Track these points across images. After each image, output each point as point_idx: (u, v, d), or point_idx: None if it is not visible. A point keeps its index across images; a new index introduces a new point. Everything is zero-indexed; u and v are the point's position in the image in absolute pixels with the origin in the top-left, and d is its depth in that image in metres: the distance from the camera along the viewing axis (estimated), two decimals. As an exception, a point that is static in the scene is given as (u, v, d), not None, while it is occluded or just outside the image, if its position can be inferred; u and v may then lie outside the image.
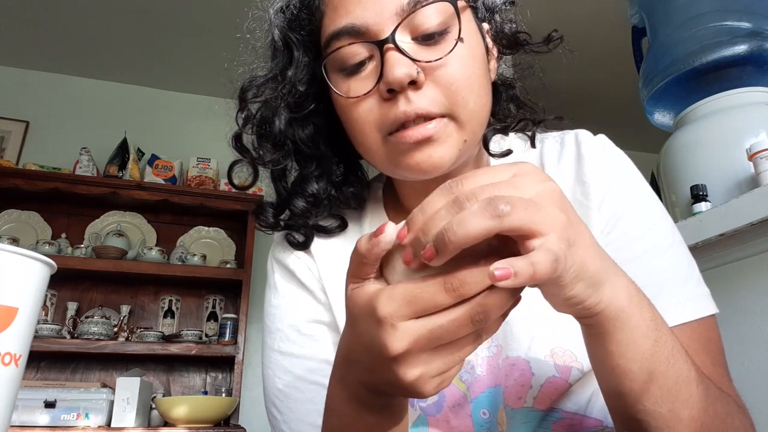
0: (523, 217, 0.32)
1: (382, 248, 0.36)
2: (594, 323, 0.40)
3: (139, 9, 2.50)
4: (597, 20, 2.56)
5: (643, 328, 0.40)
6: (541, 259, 0.32)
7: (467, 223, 0.32)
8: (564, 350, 0.55)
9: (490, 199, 0.32)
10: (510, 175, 0.36)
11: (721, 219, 1.17)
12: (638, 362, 0.40)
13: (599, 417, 0.56)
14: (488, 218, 0.32)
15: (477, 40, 0.57)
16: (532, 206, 0.33)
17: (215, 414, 2.22)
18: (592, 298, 0.37)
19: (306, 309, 0.64)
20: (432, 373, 0.36)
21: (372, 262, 0.37)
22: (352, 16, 0.53)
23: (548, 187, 0.36)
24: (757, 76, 1.45)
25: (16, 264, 0.43)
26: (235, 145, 0.63)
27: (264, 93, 0.60)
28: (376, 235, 0.36)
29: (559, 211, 0.35)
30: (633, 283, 0.41)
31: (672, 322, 0.52)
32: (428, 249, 0.33)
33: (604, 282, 0.38)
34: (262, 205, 0.65)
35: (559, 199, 0.36)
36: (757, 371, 1.11)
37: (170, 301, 2.66)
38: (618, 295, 0.39)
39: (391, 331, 0.35)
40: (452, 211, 0.33)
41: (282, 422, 0.62)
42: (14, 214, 2.55)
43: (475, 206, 0.32)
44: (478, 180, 0.35)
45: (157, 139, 2.86)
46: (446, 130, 0.53)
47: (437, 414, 0.57)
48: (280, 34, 0.60)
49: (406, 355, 0.35)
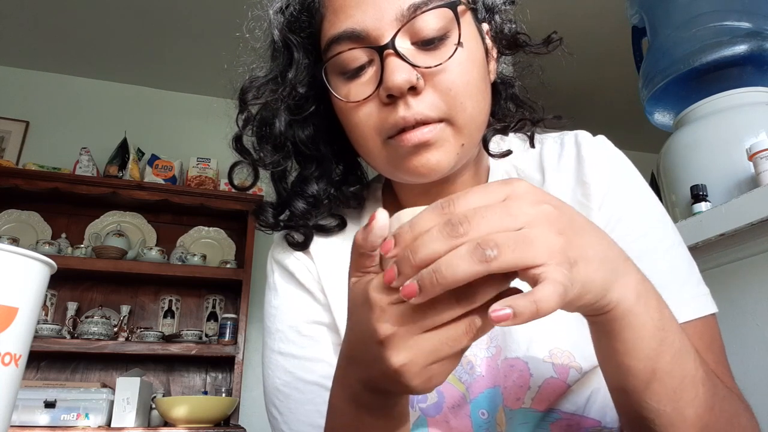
0: (511, 258, 0.32)
1: (377, 235, 0.37)
2: (600, 321, 0.40)
3: (139, 9, 2.50)
4: (597, 20, 2.56)
5: (649, 328, 0.40)
6: (544, 295, 0.32)
7: (455, 267, 0.32)
8: (562, 351, 0.56)
9: (477, 243, 0.32)
10: (503, 195, 0.35)
11: (721, 219, 1.17)
12: (643, 361, 0.40)
13: (597, 417, 0.56)
14: (476, 263, 0.32)
15: (477, 44, 0.57)
16: (522, 243, 0.32)
17: (215, 414, 2.22)
18: (600, 302, 0.37)
19: (306, 310, 0.64)
20: (420, 360, 0.35)
21: (369, 252, 0.38)
22: (352, 20, 0.53)
23: (543, 210, 0.35)
24: (757, 76, 1.45)
25: (16, 264, 0.43)
26: (236, 147, 0.63)
27: (264, 94, 0.60)
28: (369, 223, 0.37)
29: (556, 234, 0.34)
30: (644, 280, 0.41)
31: None
32: (411, 286, 0.33)
33: (613, 285, 0.37)
34: (262, 206, 0.65)
35: (556, 220, 0.35)
36: (757, 371, 1.11)
37: (170, 301, 2.66)
38: (626, 295, 0.38)
39: (379, 313, 0.35)
40: (444, 232, 0.33)
41: (282, 422, 0.62)
42: (14, 214, 2.55)
43: (463, 249, 0.32)
44: (470, 201, 0.35)
45: (157, 139, 2.86)
46: (443, 134, 0.54)
47: (436, 415, 0.57)
48: (280, 35, 0.60)
49: (393, 338, 0.35)
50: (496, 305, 0.32)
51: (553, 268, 0.33)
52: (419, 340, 0.35)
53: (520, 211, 0.34)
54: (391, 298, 0.35)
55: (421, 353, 0.35)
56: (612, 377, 0.44)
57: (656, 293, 0.42)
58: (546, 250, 0.33)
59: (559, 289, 0.32)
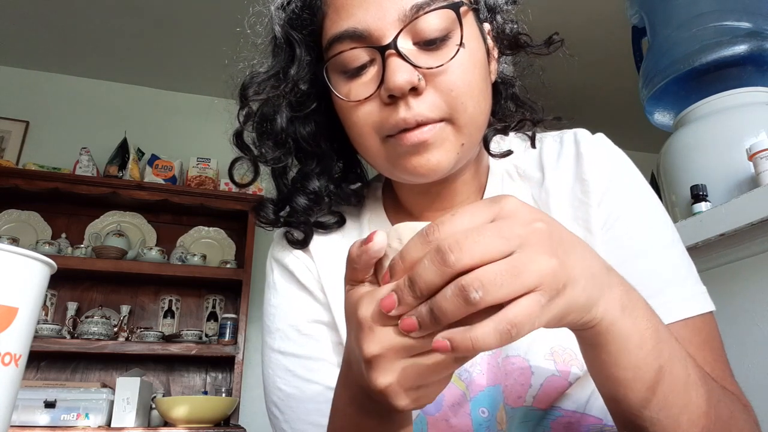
0: (498, 295, 0.31)
1: (371, 256, 0.37)
2: (586, 335, 0.40)
3: (139, 9, 2.50)
4: (597, 20, 2.55)
5: (636, 339, 0.39)
6: (481, 333, 0.31)
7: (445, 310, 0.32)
8: (564, 349, 0.56)
9: (461, 287, 0.31)
10: (492, 215, 0.34)
11: (721, 219, 1.17)
12: (632, 371, 0.40)
13: (599, 415, 0.56)
14: (462, 305, 0.31)
15: (478, 44, 0.57)
16: (510, 277, 0.31)
17: (215, 414, 2.22)
18: (584, 318, 0.37)
19: (306, 309, 0.64)
20: (405, 385, 0.35)
21: (362, 268, 0.38)
22: (354, 19, 0.53)
23: (535, 230, 0.34)
24: (757, 76, 1.45)
25: (16, 264, 0.43)
26: (237, 143, 0.63)
27: (265, 90, 0.60)
28: (366, 243, 0.36)
29: (549, 256, 0.33)
30: (630, 291, 0.40)
31: (674, 319, 0.52)
32: (411, 321, 0.33)
33: (598, 301, 0.37)
34: (262, 202, 0.65)
35: (548, 239, 0.34)
36: (757, 371, 1.11)
37: (170, 301, 2.66)
38: (610, 309, 0.38)
39: (367, 332, 0.35)
40: (435, 261, 0.32)
41: (283, 421, 0.62)
42: (14, 214, 2.55)
43: (449, 291, 0.32)
44: (457, 224, 0.34)
45: (157, 139, 2.86)
46: (443, 134, 0.54)
47: (436, 413, 0.57)
48: (281, 31, 0.60)
49: (378, 359, 0.35)
50: (440, 335, 0.32)
51: (521, 306, 0.32)
52: (405, 364, 0.35)
53: (511, 233, 0.33)
54: (379, 319, 0.35)
55: (406, 377, 0.35)
56: (603, 387, 0.44)
57: (643, 302, 0.41)
58: (537, 276, 0.32)
59: (501, 331, 0.31)
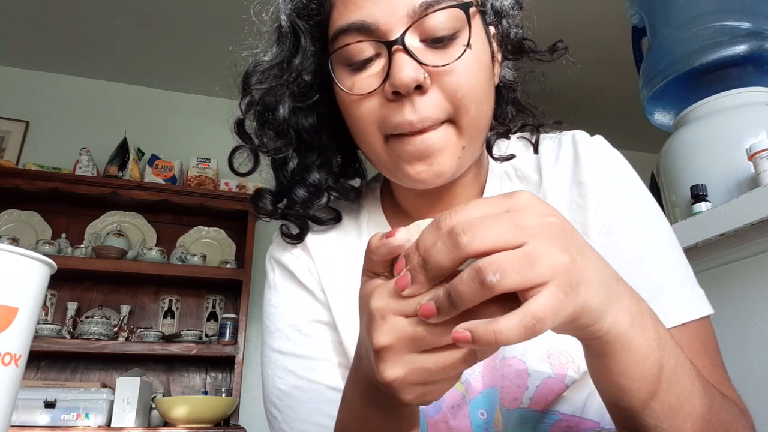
0: (515, 280, 0.31)
1: (389, 250, 0.36)
2: (594, 345, 0.39)
3: (139, 9, 2.50)
4: (597, 20, 2.55)
5: (644, 349, 0.39)
6: (505, 327, 0.31)
7: (461, 293, 0.32)
8: (560, 351, 0.55)
9: (478, 269, 0.31)
10: (505, 208, 0.34)
11: (721, 219, 1.17)
12: (638, 381, 0.40)
13: (596, 419, 0.56)
14: (478, 289, 0.31)
15: (484, 46, 0.57)
16: (526, 264, 0.31)
17: (215, 414, 2.22)
18: (593, 327, 0.36)
19: (305, 308, 0.64)
20: (413, 378, 0.35)
21: (379, 260, 0.37)
22: (363, 12, 0.53)
23: (548, 223, 0.34)
24: (757, 76, 1.45)
25: (16, 264, 0.43)
26: (238, 131, 0.63)
27: (268, 79, 0.59)
28: (388, 237, 0.36)
29: (561, 251, 0.33)
30: (638, 301, 0.40)
31: (673, 323, 0.52)
32: (429, 306, 0.33)
33: (608, 310, 0.36)
34: (260, 192, 0.65)
35: (560, 234, 0.34)
36: (757, 371, 1.11)
37: (170, 301, 2.66)
38: (619, 320, 0.37)
39: (379, 322, 0.35)
40: (447, 242, 0.32)
41: (282, 422, 0.62)
42: (14, 214, 2.54)
43: (466, 275, 0.32)
44: (469, 213, 0.34)
45: (157, 139, 2.86)
46: (445, 136, 0.54)
47: (436, 415, 0.57)
48: (287, 19, 0.59)
49: (388, 350, 0.35)
50: (461, 326, 0.32)
51: (542, 299, 0.32)
52: (414, 359, 0.35)
53: (525, 223, 0.33)
54: (392, 309, 0.35)
55: (414, 372, 0.35)
56: (607, 395, 0.43)
57: (650, 312, 0.41)
58: (551, 268, 0.32)
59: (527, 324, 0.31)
